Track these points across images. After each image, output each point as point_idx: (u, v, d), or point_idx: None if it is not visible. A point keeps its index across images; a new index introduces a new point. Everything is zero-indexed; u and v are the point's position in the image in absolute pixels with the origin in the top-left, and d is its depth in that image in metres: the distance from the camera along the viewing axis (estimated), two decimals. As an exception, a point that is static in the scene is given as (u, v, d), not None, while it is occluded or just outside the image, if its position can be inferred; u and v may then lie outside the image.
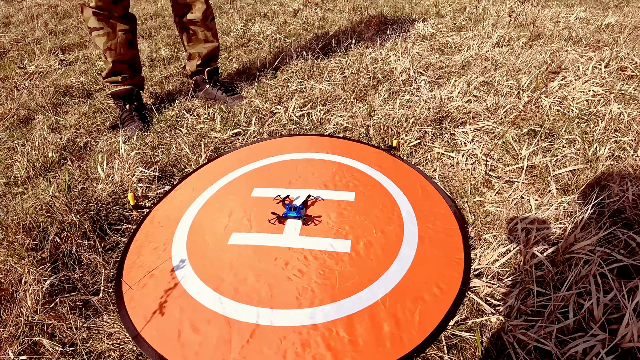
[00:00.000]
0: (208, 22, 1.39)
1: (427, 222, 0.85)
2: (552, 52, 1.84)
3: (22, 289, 0.71)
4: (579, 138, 1.16)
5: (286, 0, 3.37)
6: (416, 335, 0.62)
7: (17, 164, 1.16)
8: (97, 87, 1.73)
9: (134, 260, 0.78)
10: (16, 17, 2.92)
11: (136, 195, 0.97)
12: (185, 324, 0.64)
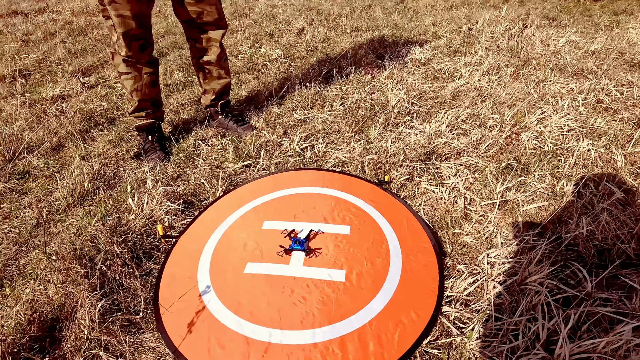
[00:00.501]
0: (222, 62, 1.56)
1: (410, 255, 1.02)
2: (536, 82, 2.00)
3: (81, 311, 0.88)
4: (548, 174, 1.33)
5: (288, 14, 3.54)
6: (395, 353, 0.79)
7: (56, 193, 1.33)
8: (118, 112, 1.91)
9: (167, 285, 0.96)
10: (35, 35, 3.11)
11: (164, 226, 1.14)
12: (212, 342, 0.82)
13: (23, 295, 0.94)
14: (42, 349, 0.84)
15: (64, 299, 0.91)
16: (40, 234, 1.17)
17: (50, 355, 0.83)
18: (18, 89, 2.16)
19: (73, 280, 0.94)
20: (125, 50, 1.32)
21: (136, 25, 1.28)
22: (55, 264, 1.00)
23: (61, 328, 0.88)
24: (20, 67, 2.46)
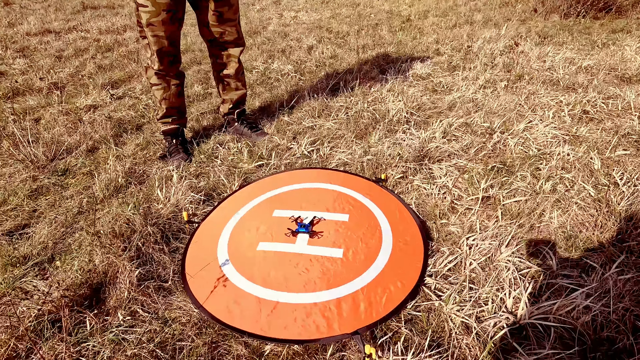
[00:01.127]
0: (239, 75, 1.79)
1: (400, 239, 1.19)
2: (527, 95, 2.19)
3: (121, 277, 1.08)
4: (529, 175, 1.49)
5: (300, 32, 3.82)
6: (382, 312, 0.96)
7: (94, 187, 1.55)
8: (144, 120, 2.15)
9: (192, 258, 1.15)
10: (67, 52, 3.44)
11: (188, 213, 1.34)
12: (230, 299, 1.00)
13: (72, 265, 1.14)
14: (89, 305, 1.03)
15: (107, 267, 1.11)
16: (82, 219, 1.38)
17: (97, 310, 1.02)
18: (55, 99, 2.43)
19: (114, 253, 1.14)
20: (157, 64, 1.56)
21: (168, 43, 1.52)
22: (99, 240, 1.20)
23: (105, 290, 1.07)
24: (55, 80, 2.75)
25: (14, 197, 1.52)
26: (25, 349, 0.91)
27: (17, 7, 5.32)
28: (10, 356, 0.89)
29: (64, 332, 0.95)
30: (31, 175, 1.66)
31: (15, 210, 1.45)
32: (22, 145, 1.78)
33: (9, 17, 4.70)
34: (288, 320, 0.94)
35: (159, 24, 1.45)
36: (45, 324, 0.96)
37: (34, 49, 3.52)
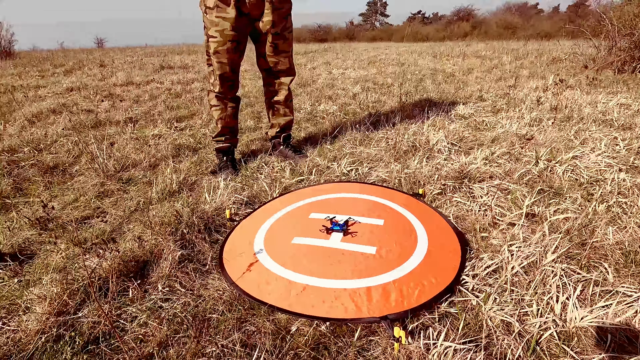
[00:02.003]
0: (288, 102, 1.99)
1: (436, 243, 1.17)
2: (577, 131, 2.14)
3: (164, 256, 1.16)
4: (579, 196, 1.42)
5: (346, 84, 4.13)
6: (413, 302, 0.93)
7: (150, 193, 1.73)
8: (200, 146, 2.39)
9: (230, 247, 1.21)
10: (143, 97, 4.00)
11: (231, 212, 1.44)
12: (262, 280, 1.03)
13: (124, 245, 1.25)
14: (134, 277, 1.12)
15: (153, 247, 1.21)
16: (137, 214, 1.53)
17: (140, 281, 1.09)
18: (129, 129, 2.81)
19: (161, 235, 1.25)
20: (219, 87, 1.79)
21: (229, 70, 1.77)
22: (150, 226, 1.32)
23: (149, 267, 1.16)
24: (131, 115, 3.19)
25: (84, 197, 1.73)
26: (74, 306, 1.00)
27: (109, 68, 6.37)
28: (61, 310, 0.98)
29: (109, 296, 1.02)
30: (100, 181, 1.89)
31: (82, 206, 1.65)
32: (97, 160, 2.06)
33: (102, 74, 5.63)
34: (316, 300, 0.95)
35: (224, 53, 1.70)
36: (95, 286, 1.05)
37: (117, 95, 4.15)
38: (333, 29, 20.85)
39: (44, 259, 1.24)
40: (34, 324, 0.93)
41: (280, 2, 1.71)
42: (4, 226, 1.47)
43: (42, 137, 2.60)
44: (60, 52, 9.43)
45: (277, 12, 1.70)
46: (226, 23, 1.65)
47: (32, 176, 1.97)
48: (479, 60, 5.85)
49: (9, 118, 3.09)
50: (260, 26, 1.73)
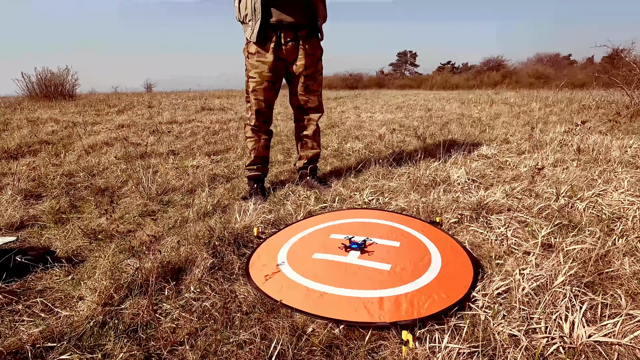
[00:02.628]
0: (316, 137, 2.18)
1: (449, 264, 1.24)
2: (601, 171, 2.16)
3: (198, 262, 1.30)
4: (598, 230, 1.44)
5: (373, 126, 4.33)
6: (423, 313, 0.99)
7: (188, 213, 1.91)
8: (233, 176, 2.60)
9: (255, 259, 1.33)
10: (185, 134, 4.39)
11: (258, 230, 1.57)
12: (283, 286, 1.13)
13: (164, 252, 1.41)
14: (170, 280, 1.25)
15: (188, 254, 1.35)
16: (176, 229, 1.69)
17: (175, 283, 1.22)
18: (170, 160, 3.09)
19: (195, 245, 1.39)
20: (254, 121, 2.02)
21: (265, 106, 1.99)
22: (186, 238, 1.48)
23: (183, 272, 1.29)
24: (173, 148, 3.52)
25: (129, 214, 1.94)
26: (118, 299, 1.14)
27: (156, 108, 7.03)
28: (107, 302, 1.12)
29: (148, 293, 1.16)
30: (144, 202, 2.10)
31: (127, 222, 1.85)
32: (141, 184, 2.30)
33: (149, 113, 6.22)
34: (332, 306, 1.03)
35: (261, 91, 1.94)
36: (137, 284, 1.19)
37: (161, 132, 4.57)
38: (364, 77, 21.86)
39: (93, 263, 1.41)
40: (85, 311, 1.07)
41: (313, 49, 1.95)
42: (61, 235, 1.68)
43: (95, 164, 2.93)
44: (114, 95, 10.51)
45: (309, 57, 1.95)
46: (264, 66, 1.90)
47: (86, 196, 2.23)
48: (507, 107, 5.95)
49: (69, 148, 3.50)
50: (294, 69, 1.97)
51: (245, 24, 1.91)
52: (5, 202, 2.01)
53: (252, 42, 1.88)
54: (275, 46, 1.88)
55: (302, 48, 1.92)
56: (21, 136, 3.95)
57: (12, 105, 7.23)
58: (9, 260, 1.32)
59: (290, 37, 1.89)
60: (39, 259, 1.38)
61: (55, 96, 8.17)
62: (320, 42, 2.03)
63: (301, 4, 1.86)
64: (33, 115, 5.74)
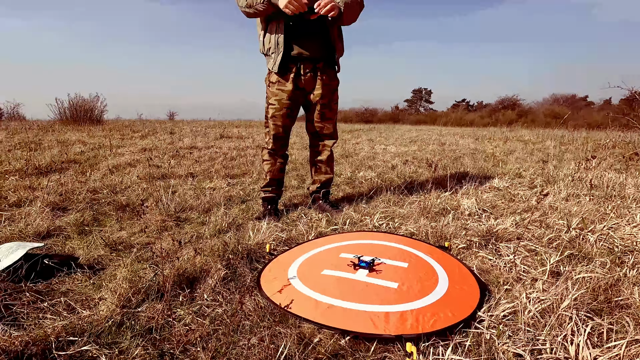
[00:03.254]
0: (329, 162, 2.27)
1: (456, 285, 1.26)
2: (615, 207, 2.15)
3: (212, 273, 1.36)
4: (609, 261, 1.45)
5: (387, 157, 4.42)
6: (428, 329, 1.02)
7: (204, 230, 1.99)
8: (248, 198, 2.69)
9: (267, 273, 1.38)
10: (204, 158, 4.57)
11: (270, 246, 1.63)
12: (293, 298, 1.17)
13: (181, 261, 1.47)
14: (185, 287, 1.31)
15: (203, 265, 1.41)
16: (192, 243, 1.77)
17: (189, 290, 1.28)
18: (189, 182, 3.23)
19: (210, 257, 1.46)
20: (271, 145, 2.13)
21: (282, 131, 2.11)
22: (201, 250, 1.54)
23: (198, 281, 1.35)
24: (192, 171, 3.67)
25: (148, 229, 2.03)
26: (136, 302, 1.20)
27: (177, 135, 7.34)
28: (125, 304, 1.18)
29: (164, 298, 1.22)
30: (162, 219, 2.20)
31: (146, 235, 1.93)
32: (160, 202, 2.41)
33: (171, 139, 6.50)
34: (339, 317, 1.06)
35: (279, 117, 2.07)
36: (154, 289, 1.25)
37: (181, 156, 4.77)
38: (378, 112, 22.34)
39: (113, 270, 1.48)
40: (104, 311, 1.14)
41: (329, 79, 2.09)
42: (84, 245, 1.77)
43: (118, 183, 3.08)
44: (138, 122, 11.03)
45: (326, 87, 2.08)
46: (284, 94, 2.04)
47: (108, 211, 2.34)
48: (521, 144, 5.99)
49: (94, 167, 3.69)
50: (312, 97, 2.11)
51: (268, 56, 2.07)
52: (34, 212, 2.14)
53: (274, 72, 2.04)
54: (294, 76, 2.03)
55: (320, 79, 2.06)
56: (51, 155, 4.18)
57: (45, 128, 7.68)
58: (36, 264, 1.41)
59: (309, 69, 2.04)
60: (64, 263, 1.47)
61: (84, 120, 8.64)
62: (336, 74, 2.17)
63: (320, 40, 2.02)
64: (63, 137, 6.08)
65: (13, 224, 2.00)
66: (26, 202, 2.41)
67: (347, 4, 1.91)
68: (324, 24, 1.99)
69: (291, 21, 1.93)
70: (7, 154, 4.29)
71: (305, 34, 1.98)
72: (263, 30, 2.02)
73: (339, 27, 2.08)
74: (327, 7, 1.82)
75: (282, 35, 1.94)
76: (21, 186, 2.80)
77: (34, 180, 3.01)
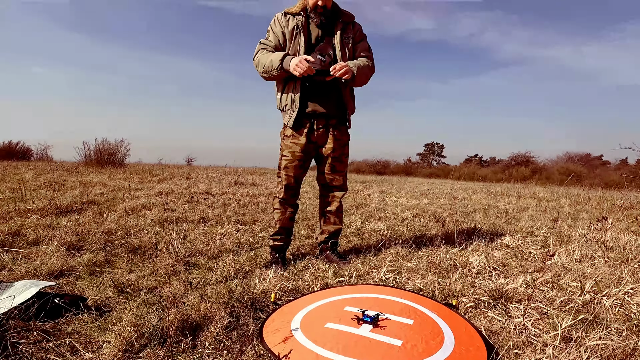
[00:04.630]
0: (338, 213, 2.31)
1: (462, 346, 1.23)
2: (633, 270, 2.09)
3: (215, 320, 1.36)
4: (625, 328, 1.39)
5: (397, 210, 4.43)
6: (431, 391, 0.98)
7: (211, 276, 2.01)
8: (257, 245, 2.72)
9: (270, 323, 1.38)
10: (217, 204, 4.67)
11: (275, 296, 1.63)
12: (294, 350, 1.16)
13: (185, 307, 1.48)
14: (188, 334, 1.31)
15: (207, 311, 1.42)
16: (199, 289, 1.78)
17: (192, 337, 1.28)
18: (201, 226, 3.29)
19: (215, 304, 1.46)
20: (283, 194, 2.20)
21: (294, 182, 2.20)
22: (206, 297, 1.55)
23: (201, 328, 1.35)
24: (204, 216, 3.75)
25: (156, 273, 2.06)
26: (138, 347, 1.20)
27: (193, 180, 7.57)
28: (127, 348, 1.19)
29: (166, 344, 1.22)
30: (171, 262, 2.23)
31: (154, 279, 1.96)
32: (171, 246, 2.46)
33: (187, 184, 6.70)
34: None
35: (292, 168, 2.16)
36: (157, 334, 1.26)
37: (195, 201, 4.89)
38: (391, 164, 22.62)
39: (119, 313, 1.50)
40: (107, 355, 1.14)
41: (341, 135, 2.21)
42: (93, 286, 1.80)
43: (133, 225, 3.16)
44: (157, 166, 11.44)
45: (337, 142, 2.19)
46: (297, 147, 2.16)
47: (120, 253, 2.40)
48: (535, 201, 5.93)
49: (112, 209, 3.81)
50: (323, 151, 2.21)
51: (284, 112, 2.22)
52: (50, 251, 2.21)
53: (289, 127, 2.17)
54: (308, 131, 2.15)
55: (332, 134, 2.18)
56: (73, 196, 4.36)
57: (69, 169, 8.06)
58: (46, 302, 1.45)
59: (322, 124, 2.16)
60: (73, 303, 1.50)
61: (107, 163, 9.04)
62: (348, 129, 2.29)
63: (334, 99, 2.17)
64: (85, 179, 6.35)
65: (29, 262, 2.06)
66: (44, 240, 2.50)
67: (360, 68, 2.08)
68: (338, 85, 2.15)
69: (307, 82, 2.10)
70: (31, 193, 4.49)
71: (319, 93, 2.13)
72: (280, 90, 2.19)
73: (351, 88, 2.24)
74: (342, 71, 1.98)
75: (298, 94, 2.10)
76: (41, 225, 2.91)
77: (54, 220, 3.12)
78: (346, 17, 2.17)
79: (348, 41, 2.15)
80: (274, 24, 2.14)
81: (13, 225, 2.82)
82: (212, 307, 1.45)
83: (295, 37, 2.09)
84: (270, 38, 2.14)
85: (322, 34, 2.13)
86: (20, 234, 2.65)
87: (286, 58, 1.99)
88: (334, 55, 2.12)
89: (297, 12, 2.11)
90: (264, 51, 2.11)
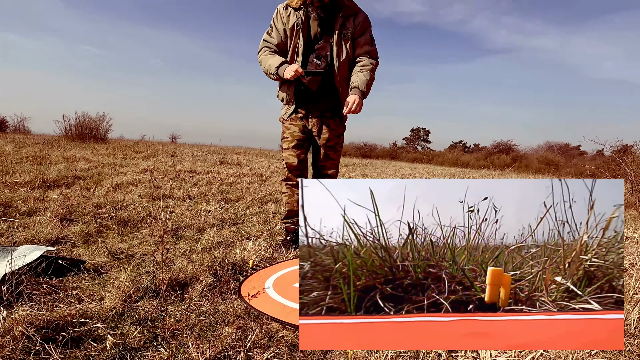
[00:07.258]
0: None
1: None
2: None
3: (200, 279, 1.62)
4: None
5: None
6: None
7: (198, 246, 2.25)
8: (240, 221, 2.96)
9: (247, 282, 1.65)
10: (202, 182, 4.87)
11: (253, 263, 1.90)
12: (265, 302, 1.43)
13: (174, 268, 1.73)
14: (177, 290, 1.56)
15: (194, 272, 1.68)
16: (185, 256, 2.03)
17: (181, 293, 1.54)
18: (186, 203, 3.51)
19: (200, 267, 1.72)
20: (287, 174, 2.38)
21: (297, 162, 2.37)
22: (192, 261, 1.81)
23: (188, 286, 1.60)
24: (189, 194, 3.96)
25: (145, 243, 2.29)
26: (135, 298, 1.45)
27: (178, 158, 7.68)
28: (126, 299, 1.43)
29: (159, 297, 1.47)
30: (159, 234, 2.46)
31: (144, 248, 2.19)
32: (159, 220, 2.68)
33: (172, 162, 6.83)
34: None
35: (292, 148, 2.32)
36: (151, 289, 1.51)
37: (181, 179, 5.08)
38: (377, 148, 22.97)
39: (116, 274, 1.74)
40: (108, 304, 1.39)
41: (336, 126, 2.36)
42: (88, 252, 2.03)
43: (120, 200, 3.36)
44: (141, 142, 11.44)
45: (332, 132, 2.34)
46: (296, 128, 2.31)
47: (110, 225, 2.61)
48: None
49: (98, 184, 3.98)
50: (319, 141, 2.38)
51: (283, 104, 2.37)
52: (45, 221, 2.41)
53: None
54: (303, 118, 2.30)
55: (326, 125, 2.32)
56: (58, 170, 4.49)
57: (50, 143, 8.03)
58: (51, 263, 1.67)
59: (316, 116, 2.31)
60: (73, 265, 1.73)
61: (89, 138, 9.02)
62: (342, 122, 2.43)
63: (329, 97, 2.27)
64: (68, 154, 6.41)
65: (26, 230, 2.26)
66: (36, 212, 2.68)
67: (367, 85, 2.19)
68: (333, 85, 2.25)
69: (302, 87, 2.26)
70: (15, 166, 4.59)
71: (315, 93, 2.24)
72: (279, 85, 2.32)
73: (347, 87, 2.30)
74: (354, 108, 2.12)
75: (293, 92, 2.24)
76: (31, 197, 3.07)
77: (42, 193, 3.29)
78: (346, 11, 2.19)
79: (347, 37, 2.19)
80: (276, 19, 2.22)
81: (3, 197, 2.98)
82: (198, 269, 1.71)
83: (296, 35, 2.18)
84: (272, 35, 2.25)
85: (320, 32, 2.19)
86: (12, 206, 2.82)
87: (281, 67, 2.13)
88: (331, 56, 2.19)
89: (297, 6, 2.14)
90: (267, 51, 2.24)
